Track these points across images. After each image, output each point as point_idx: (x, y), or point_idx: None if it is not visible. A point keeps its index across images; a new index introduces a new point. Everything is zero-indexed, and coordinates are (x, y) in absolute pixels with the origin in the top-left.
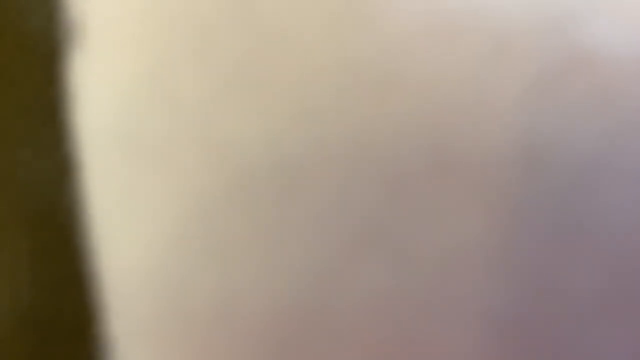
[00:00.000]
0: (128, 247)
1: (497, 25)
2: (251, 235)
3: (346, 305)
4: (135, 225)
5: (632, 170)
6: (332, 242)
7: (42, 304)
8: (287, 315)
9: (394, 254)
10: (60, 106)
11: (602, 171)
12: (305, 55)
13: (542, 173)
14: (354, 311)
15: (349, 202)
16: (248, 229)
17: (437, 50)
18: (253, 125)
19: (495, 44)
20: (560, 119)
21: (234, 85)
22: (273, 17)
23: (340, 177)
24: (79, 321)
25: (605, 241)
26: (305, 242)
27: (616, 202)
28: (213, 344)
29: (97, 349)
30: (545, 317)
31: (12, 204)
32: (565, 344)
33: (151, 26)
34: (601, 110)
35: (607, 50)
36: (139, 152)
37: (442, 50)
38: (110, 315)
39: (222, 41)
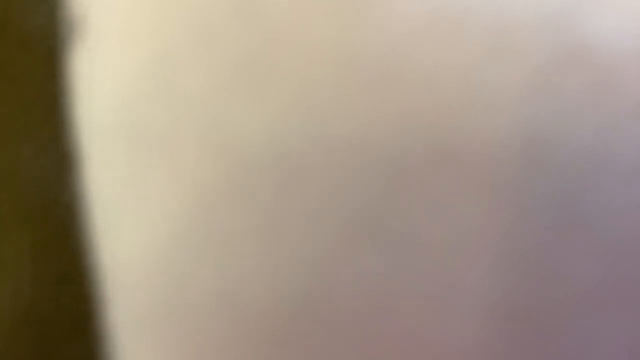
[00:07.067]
0: (129, 242)
1: (496, 20)
2: (253, 228)
3: (348, 298)
4: (136, 219)
5: (631, 164)
6: (334, 235)
7: (43, 299)
8: (288, 307)
9: (395, 246)
10: (62, 102)
11: (602, 164)
12: (307, 51)
13: (542, 165)
14: (355, 304)
15: (351, 195)
16: (250, 223)
17: (437, 46)
18: (256, 119)
19: (495, 38)
20: (560, 113)
21: (237, 79)
22: (277, 13)
23: (341, 171)
24: (80, 316)
25: (606, 232)
26: (306, 235)
27: (616, 194)
28: (215, 337)
29: (98, 343)
30: (546, 307)
31: (13, 199)
32: (566, 333)
33: (153, 21)
34: (601, 103)
35: (606, 44)
36: (140, 147)
37: (442, 45)
38: (111, 309)
39: (225, 36)
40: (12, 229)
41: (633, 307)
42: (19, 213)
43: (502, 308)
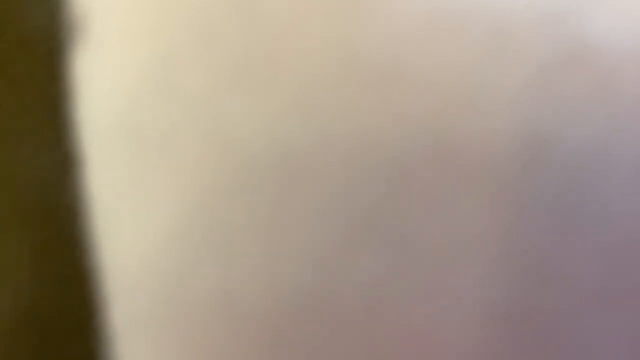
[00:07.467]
0: (130, 243)
1: (498, 19)
2: (254, 229)
3: (348, 297)
4: (137, 220)
5: (632, 163)
6: (334, 235)
7: (43, 300)
8: (289, 307)
9: (396, 246)
10: (63, 103)
11: (603, 163)
12: (307, 51)
13: (543, 165)
14: (356, 303)
15: (352, 196)
16: (250, 223)
17: (437, 46)
18: (256, 119)
19: (496, 37)
20: (561, 112)
21: (237, 79)
22: (277, 13)
23: (342, 171)
24: (81, 317)
25: (606, 232)
26: (307, 235)
27: (617, 194)
28: (215, 338)
29: (98, 344)
30: (547, 307)
31: (14, 200)
32: (567, 333)
33: (153, 21)
34: (602, 103)
35: (608, 43)
36: (141, 148)
37: (443, 45)
38: (112, 310)
39: (225, 36)
40: (12, 230)
41: (633, 307)
42: (19, 214)
43: (502, 308)
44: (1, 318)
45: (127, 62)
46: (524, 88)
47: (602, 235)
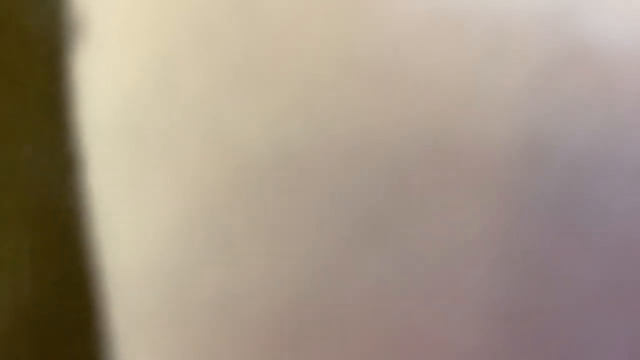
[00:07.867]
0: (130, 244)
1: (496, 20)
2: (255, 231)
3: (350, 299)
4: (137, 220)
5: (632, 163)
6: (336, 236)
7: (43, 300)
8: (291, 310)
9: (397, 247)
10: (63, 103)
11: (603, 163)
12: (308, 51)
13: (544, 166)
14: (357, 306)
15: (352, 196)
16: (251, 224)
17: (437, 46)
18: (256, 119)
19: (495, 39)
20: (560, 113)
21: (237, 79)
22: (277, 13)
23: (343, 172)
24: (81, 318)
25: (606, 232)
26: (309, 237)
27: (617, 194)
28: (216, 339)
29: (98, 345)
30: (547, 308)
31: (15, 200)
32: (567, 334)
33: (154, 21)
34: (601, 103)
35: (608, 43)
36: (142, 149)
37: (443, 46)
38: (112, 311)
39: (226, 37)
40: (12, 230)
41: (633, 307)
42: (19, 214)
43: (502, 308)
44: (1, 318)
45: (127, 62)
46: (524, 88)
47: (602, 235)
